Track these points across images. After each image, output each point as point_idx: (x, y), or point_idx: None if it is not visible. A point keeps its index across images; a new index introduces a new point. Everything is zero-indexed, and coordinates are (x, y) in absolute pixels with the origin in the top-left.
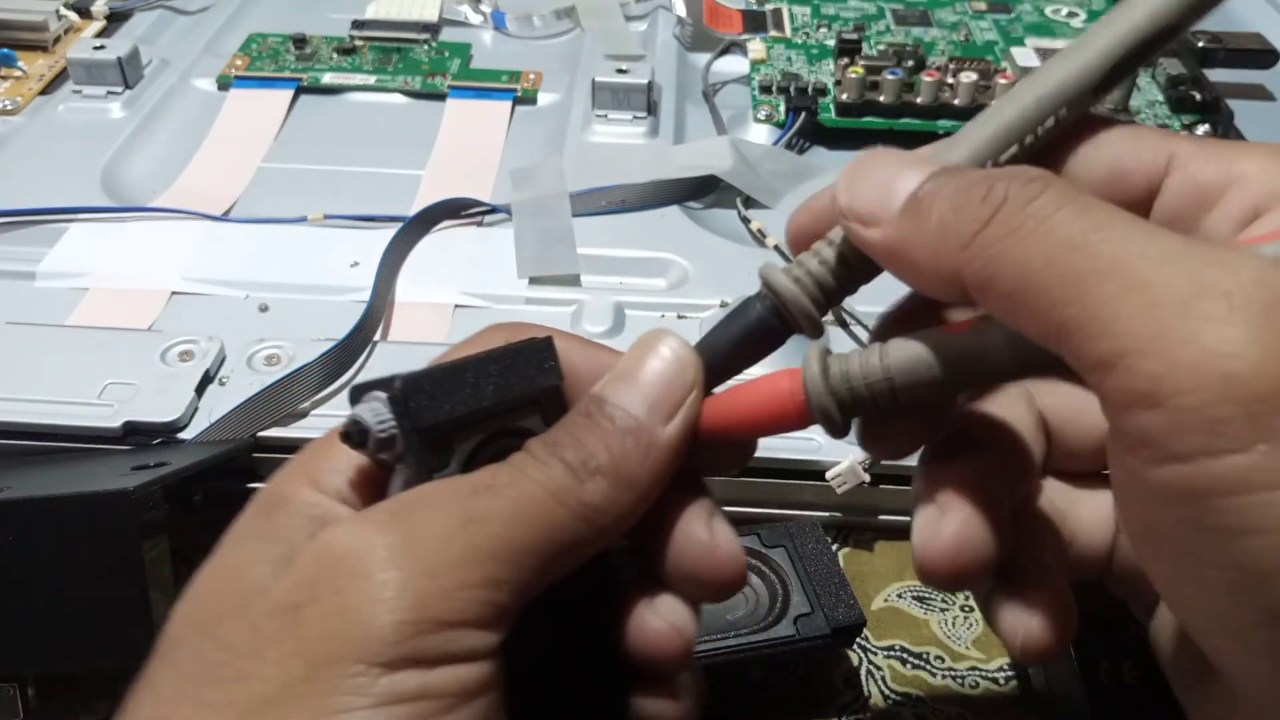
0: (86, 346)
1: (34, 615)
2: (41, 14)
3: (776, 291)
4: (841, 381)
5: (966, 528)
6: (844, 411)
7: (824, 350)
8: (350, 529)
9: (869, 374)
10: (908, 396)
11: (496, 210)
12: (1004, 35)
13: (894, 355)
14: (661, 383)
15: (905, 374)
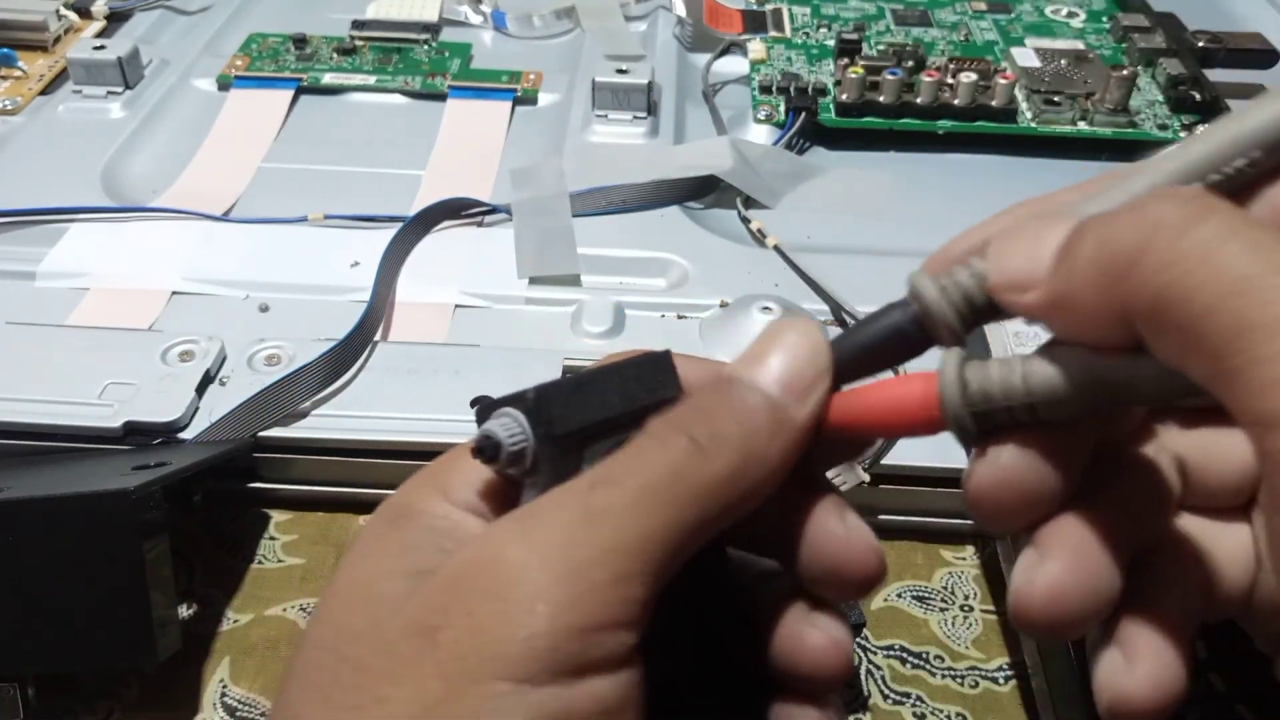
0: (87, 346)
1: (34, 615)
2: (41, 14)
3: (922, 300)
4: (981, 398)
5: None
6: (980, 425)
7: (962, 358)
8: (478, 546)
9: (1010, 392)
10: (1050, 416)
11: (496, 210)
12: (1004, 35)
13: (1038, 376)
14: (795, 363)
15: (1049, 396)
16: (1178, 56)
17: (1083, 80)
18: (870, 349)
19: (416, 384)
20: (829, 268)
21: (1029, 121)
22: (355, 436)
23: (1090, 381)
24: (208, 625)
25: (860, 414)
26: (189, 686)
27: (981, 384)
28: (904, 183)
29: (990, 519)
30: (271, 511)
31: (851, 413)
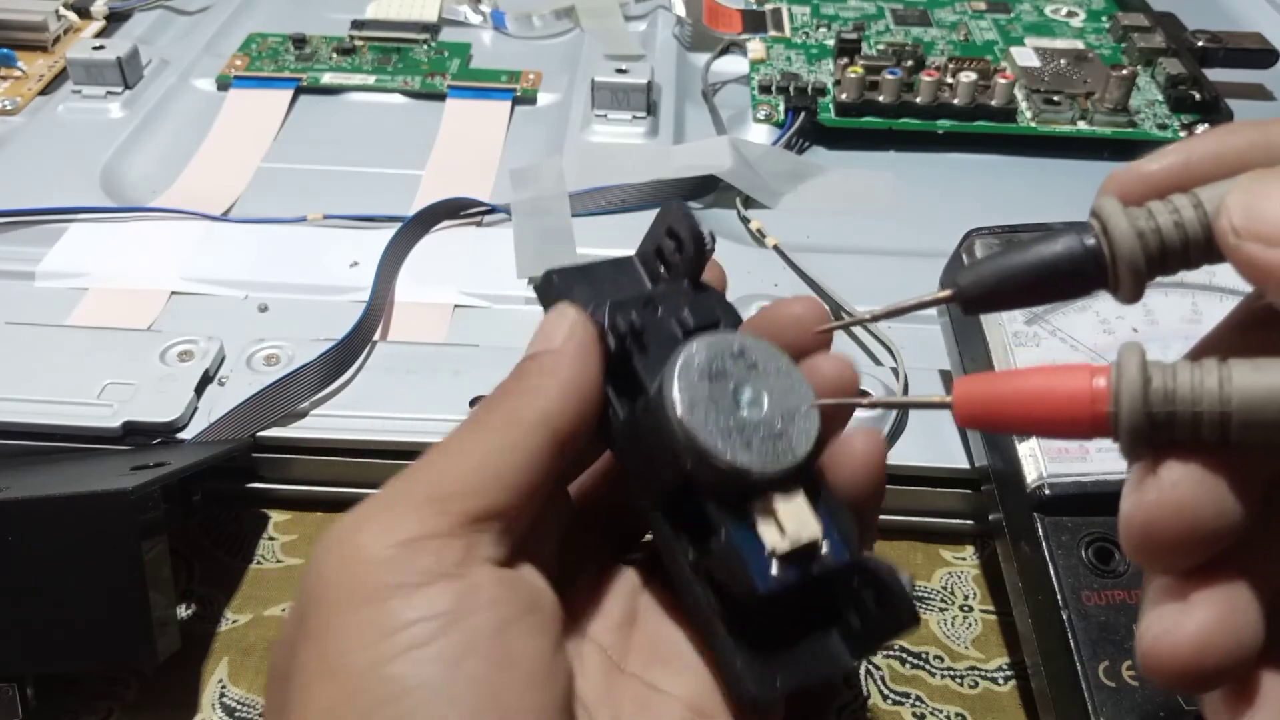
0: (86, 346)
1: (34, 615)
2: (41, 14)
3: (1111, 235)
4: (1163, 401)
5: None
6: (1155, 435)
7: (1144, 354)
8: None
9: (1201, 399)
10: (1244, 437)
11: (496, 210)
12: (1003, 35)
13: (1240, 383)
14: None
15: (1252, 409)
16: (1177, 56)
17: (1082, 80)
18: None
19: (416, 384)
20: (829, 268)
21: (1029, 121)
22: (354, 436)
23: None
24: (207, 625)
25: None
26: (188, 687)
27: (1166, 383)
28: (904, 182)
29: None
30: (271, 512)
31: (1002, 401)
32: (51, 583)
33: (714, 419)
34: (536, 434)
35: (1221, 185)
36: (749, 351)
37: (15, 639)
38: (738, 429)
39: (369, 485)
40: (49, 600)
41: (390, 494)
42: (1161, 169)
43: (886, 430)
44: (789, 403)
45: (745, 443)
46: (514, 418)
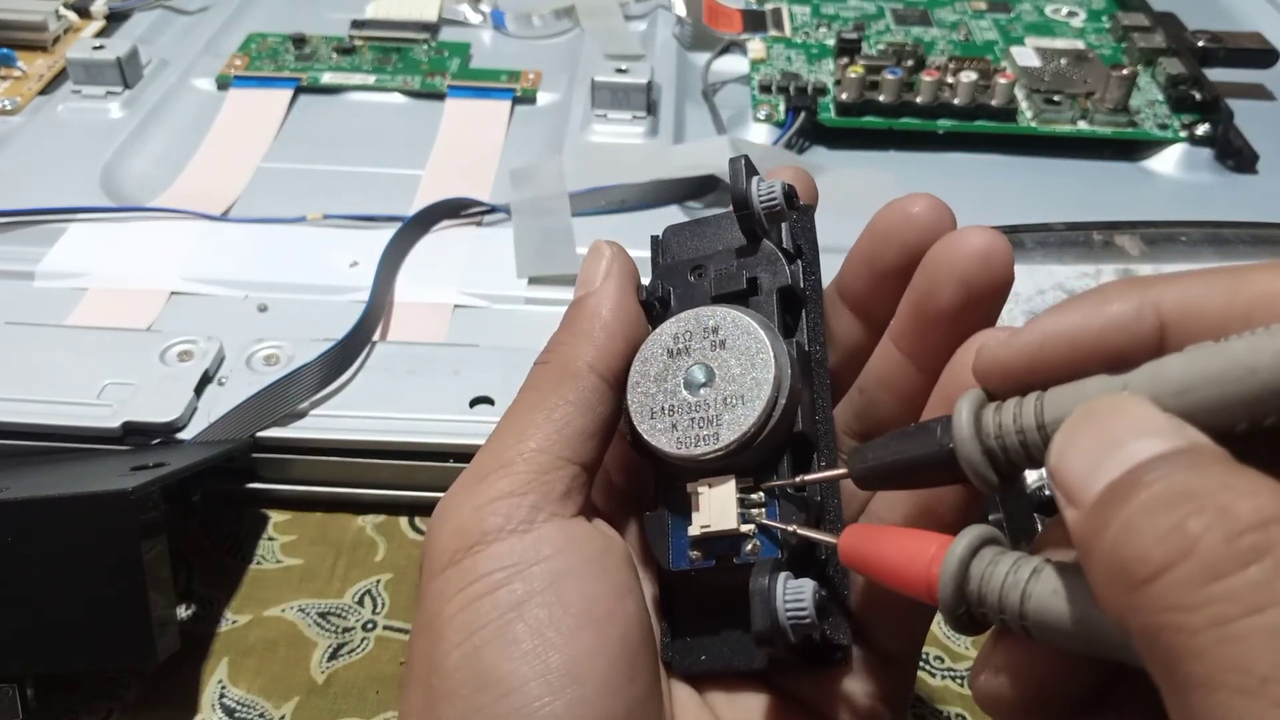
0: (85, 346)
1: (34, 615)
2: (41, 14)
3: (957, 444)
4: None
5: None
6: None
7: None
8: None
9: (1006, 607)
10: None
11: (496, 210)
12: (1004, 34)
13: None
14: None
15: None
16: (1178, 56)
17: (1083, 80)
18: (905, 468)
19: (416, 384)
20: (829, 268)
21: (1029, 121)
22: (354, 436)
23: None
24: (206, 626)
25: (870, 560)
26: (188, 687)
27: (981, 586)
28: (904, 182)
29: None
30: (270, 512)
31: (863, 555)
32: (51, 583)
33: (653, 396)
34: (586, 380)
35: (1069, 395)
36: (724, 330)
37: (15, 639)
38: (671, 409)
39: (369, 485)
40: (49, 600)
41: (471, 467)
42: (1017, 357)
43: None
44: (735, 388)
45: (672, 424)
46: (563, 370)
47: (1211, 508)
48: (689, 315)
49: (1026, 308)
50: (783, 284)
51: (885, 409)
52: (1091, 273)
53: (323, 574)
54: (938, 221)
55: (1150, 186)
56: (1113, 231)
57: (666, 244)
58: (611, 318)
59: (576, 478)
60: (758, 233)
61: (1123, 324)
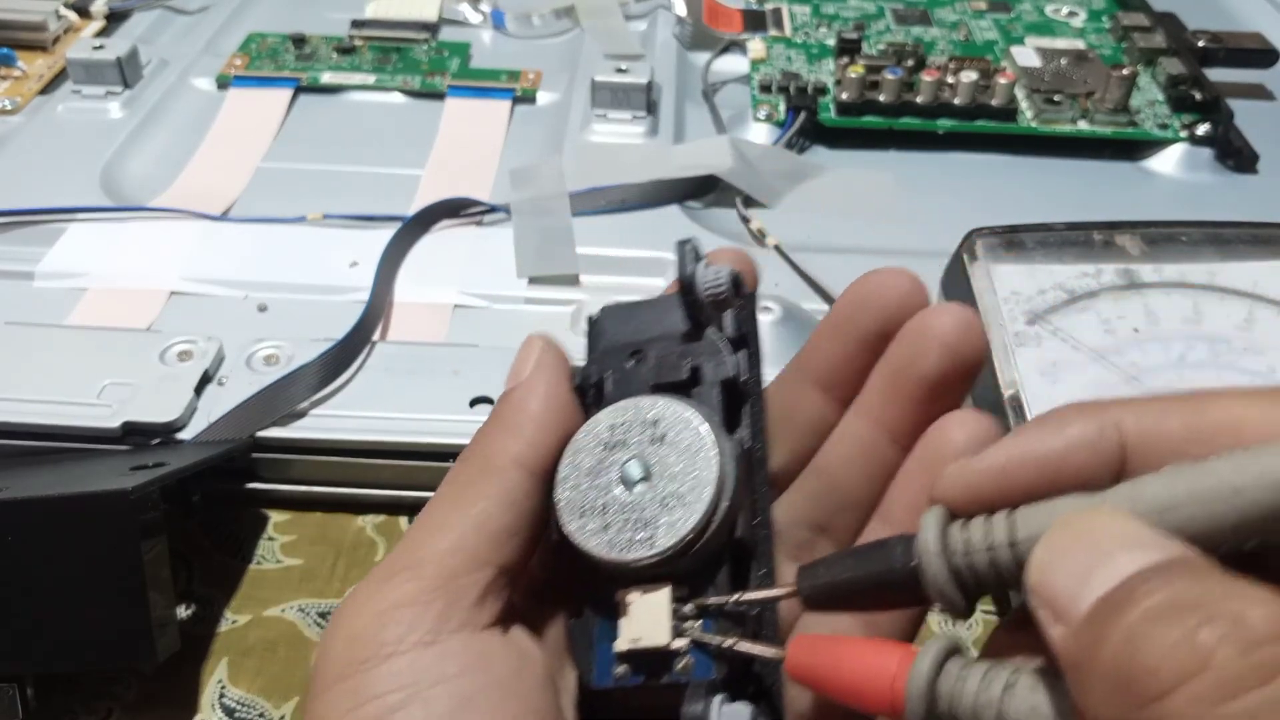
0: (85, 346)
1: (34, 615)
2: (41, 14)
3: (922, 569)
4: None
5: None
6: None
7: (942, 653)
8: None
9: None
10: None
11: (496, 210)
12: (1004, 34)
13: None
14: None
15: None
16: (1178, 56)
17: (1083, 80)
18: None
19: (416, 384)
20: (829, 268)
21: (1029, 121)
22: (354, 436)
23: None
24: (206, 626)
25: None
26: (187, 687)
27: (952, 701)
28: (904, 182)
29: None
30: (270, 512)
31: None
32: (51, 583)
33: (584, 492)
34: (509, 475)
35: (1042, 512)
36: (664, 423)
37: (15, 639)
38: (603, 508)
39: (369, 485)
40: (49, 600)
41: (380, 566)
42: (983, 477)
43: None
44: (675, 488)
45: (604, 524)
46: (487, 464)
47: (1223, 617)
48: (627, 405)
49: (1027, 307)
50: (726, 376)
51: (849, 489)
52: (1092, 272)
53: (323, 574)
54: (917, 292)
55: (1150, 186)
56: (1113, 231)
57: (603, 326)
58: (540, 408)
59: (494, 581)
60: (701, 320)
61: (1085, 443)
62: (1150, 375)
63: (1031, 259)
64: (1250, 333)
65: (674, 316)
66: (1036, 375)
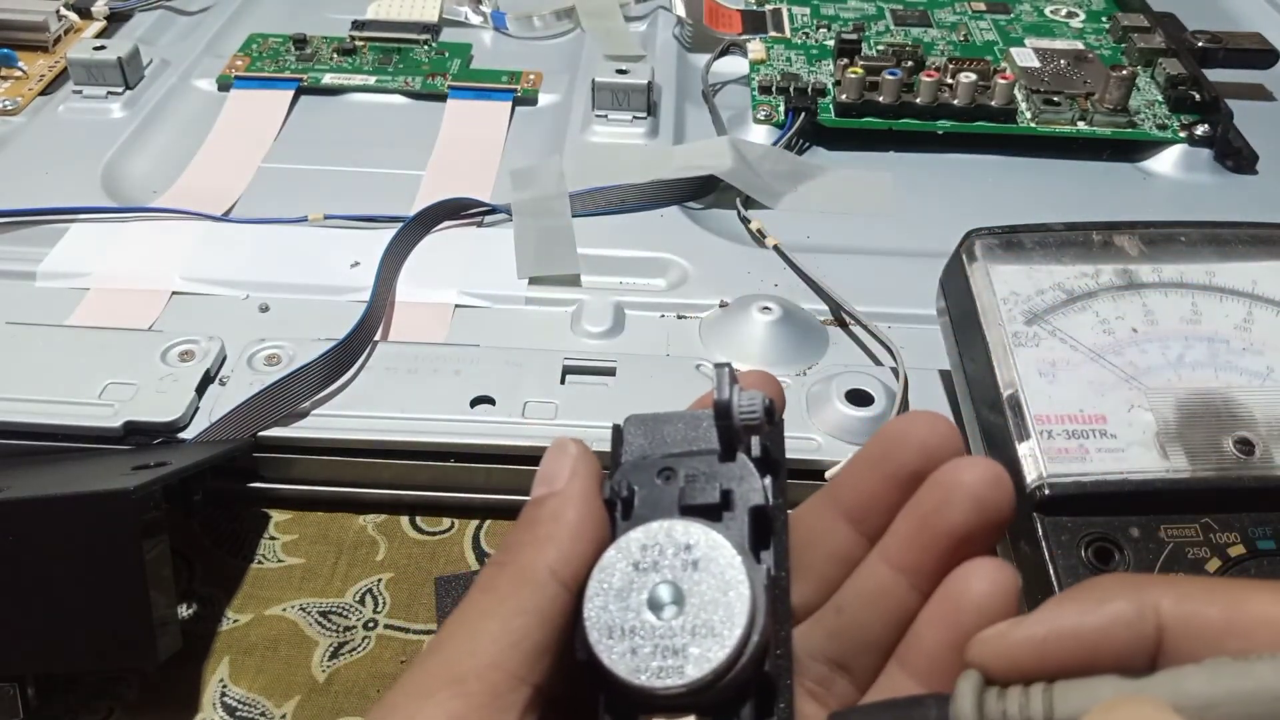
0: (87, 346)
1: (34, 615)
2: (42, 14)
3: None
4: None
5: None
6: None
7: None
8: None
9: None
10: None
11: (496, 210)
12: (1003, 35)
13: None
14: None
15: None
16: (1177, 56)
17: (1082, 80)
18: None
19: (416, 384)
20: (829, 268)
21: (1028, 121)
22: (355, 436)
23: None
24: (208, 625)
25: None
26: (189, 686)
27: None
28: (904, 183)
29: None
30: (271, 511)
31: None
32: (52, 583)
33: (612, 612)
34: (547, 589)
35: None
36: (698, 549)
37: (15, 639)
38: (631, 630)
39: (370, 485)
40: (50, 600)
41: (411, 681)
42: (1022, 649)
43: None
44: (706, 618)
45: (631, 648)
46: (523, 576)
47: None
48: (660, 527)
49: (1026, 307)
50: (756, 503)
51: (870, 630)
52: (1090, 272)
53: (324, 573)
54: (952, 438)
55: (1149, 187)
56: (1112, 232)
57: (627, 437)
58: (577, 520)
59: (532, 701)
60: (733, 443)
61: (1125, 623)
62: (1148, 375)
63: (1030, 259)
64: (1249, 333)
65: (702, 433)
66: (1035, 375)
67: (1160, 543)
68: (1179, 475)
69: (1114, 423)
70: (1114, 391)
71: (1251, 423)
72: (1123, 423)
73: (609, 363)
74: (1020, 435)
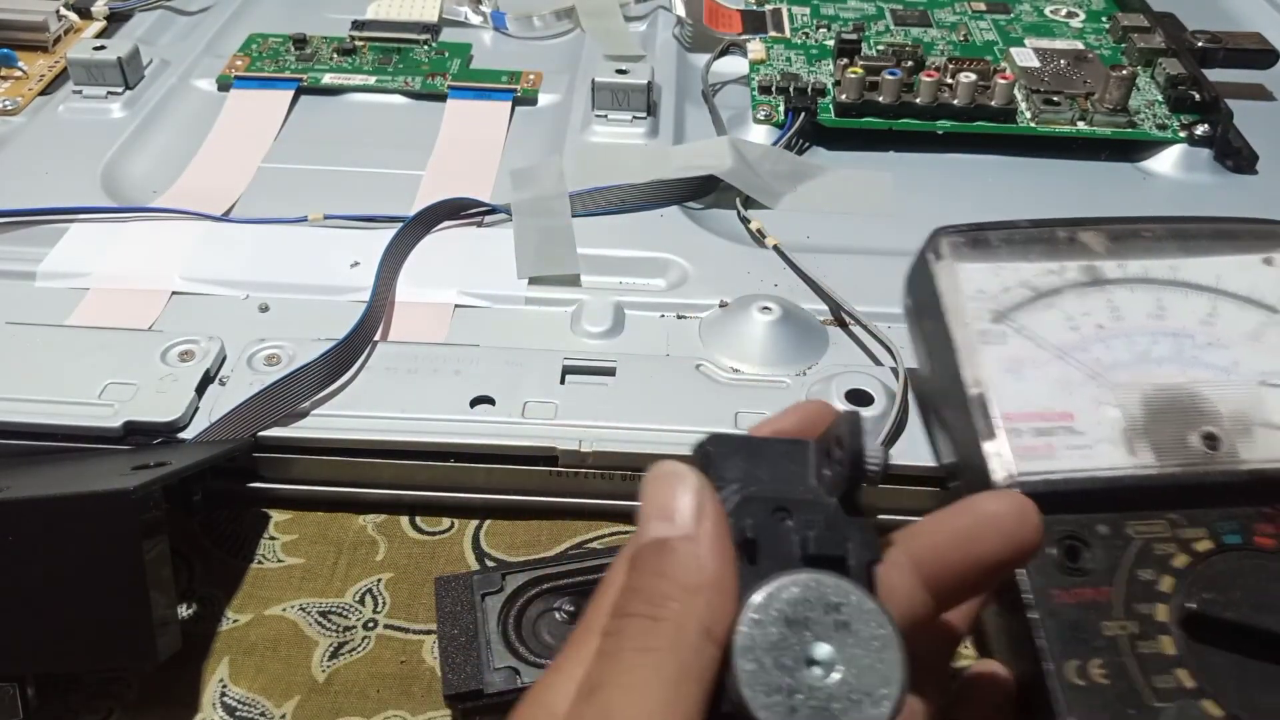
0: (86, 346)
1: (34, 615)
2: (42, 14)
3: None
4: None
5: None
6: None
7: None
8: None
9: None
10: None
11: (496, 210)
12: (1003, 35)
13: None
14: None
15: None
16: (1177, 56)
17: (1082, 80)
18: None
19: (416, 384)
20: (829, 268)
21: (1028, 121)
22: (355, 436)
23: None
24: (207, 625)
25: None
26: (189, 686)
27: None
28: (904, 183)
29: None
30: (271, 511)
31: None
32: (52, 583)
33: (769, 670)
34: (706, 652)
35: None
36: (847, 609)
37: (15, 639)
38: (791, 690)
39: (370, 485)
40: (49, 600)
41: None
42: None
43: (886, 431)
44: (866, 683)
45: (790, 709)
46: (681, 637)
47: None
48: (807, 581)
49: (992, 305)
50: (873, 558)
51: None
52: (1056, 270)
53: (324, 573)
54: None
55: (1149, 187)
56: (1077, 228)
57: (718, 461)
58: (719, 571)
59: None
60: (851, 491)
61: None
62: (1115, 372)
63: (996, 257)
64: (1213, 327)
65: (797, 469)
66: (1001, 373)
67: (1128, 539)
68: (1146, 471)
69: (1081, 420)
70: (1081, 389)
71: (1217, 417)
72: (1090, 420)
73: (609, 363)
74: (987, 434)
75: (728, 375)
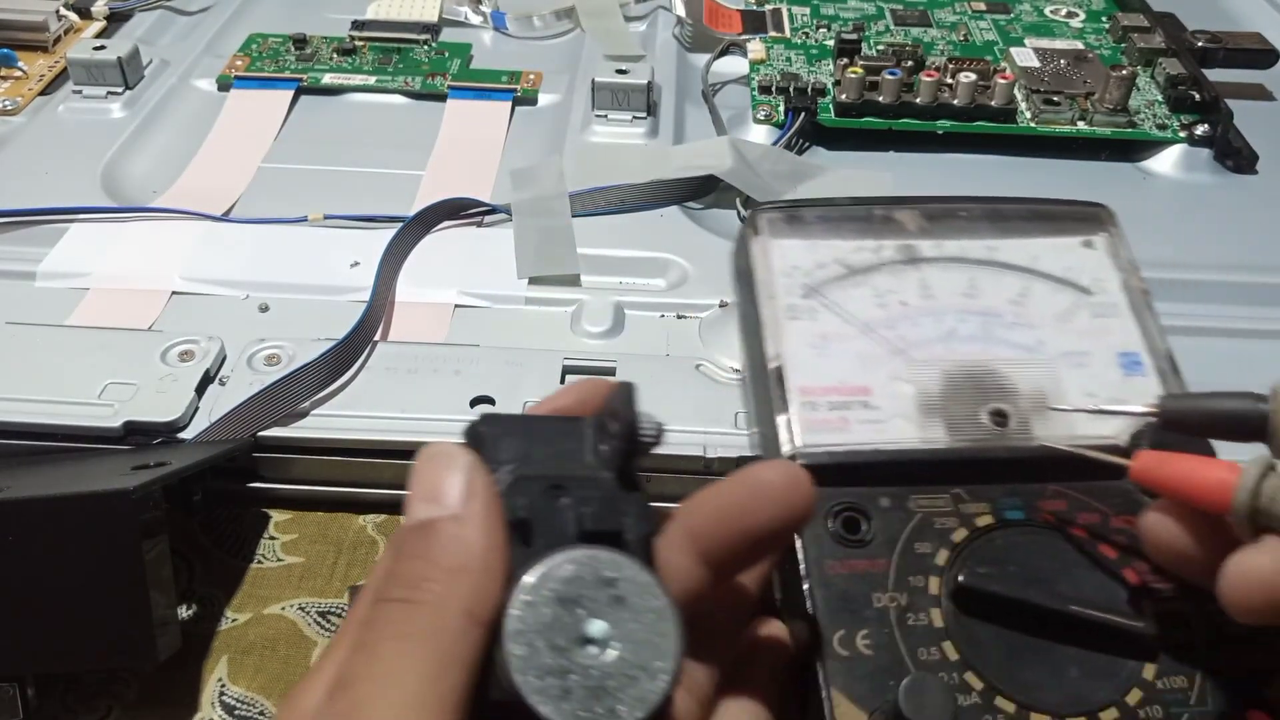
0: (86, 346)
1: (34, 615)
2: (41, 14)
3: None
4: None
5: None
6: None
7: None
8: None
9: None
10: None
11: (496, 210)
12: (1003, 35)
13: None
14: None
15: None
16: (1177, 56)
17: (1082, 80)
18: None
19: (416, 384)
20: None
21: (1028, 121)
22: (355, 436)
23: None
24: (207, 624)
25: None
26: (188, 686)
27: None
28: (903, 183)
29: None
30: (271, 511)
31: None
32: (52, 583)
33: (542, 653)
34: (470, 635)
35: None
36: (622, 583)
37: (15, 639)
38: (564, 671)
39: (370, 485)
40: (49, 600)
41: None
42: None
43: None
44: (642, 657)
45: (563, 691)
46: (440, 621)
47: None
48: (582, 558)
49: (805, 281)
50: (650, 531)
51: None
52: (872, 247)
53: (323, 573)
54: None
55: (1149, 187)
56: (894, 208)
57: (492, 441)
58: (485, 550)
59: None
60: (626, 464)
61: None
62: (918, 348)
63: (812, 234)
64: (1023, 307)
65: (573, 445)
66: (805, 348)
67: (909, 513)
68: (932, 446)
69: (878, 395)
70: (881, 364)
71: (1011, 395)
72: (886, 394)
73: (609, 363)
74: (781, 407)
75: (728, 375)
